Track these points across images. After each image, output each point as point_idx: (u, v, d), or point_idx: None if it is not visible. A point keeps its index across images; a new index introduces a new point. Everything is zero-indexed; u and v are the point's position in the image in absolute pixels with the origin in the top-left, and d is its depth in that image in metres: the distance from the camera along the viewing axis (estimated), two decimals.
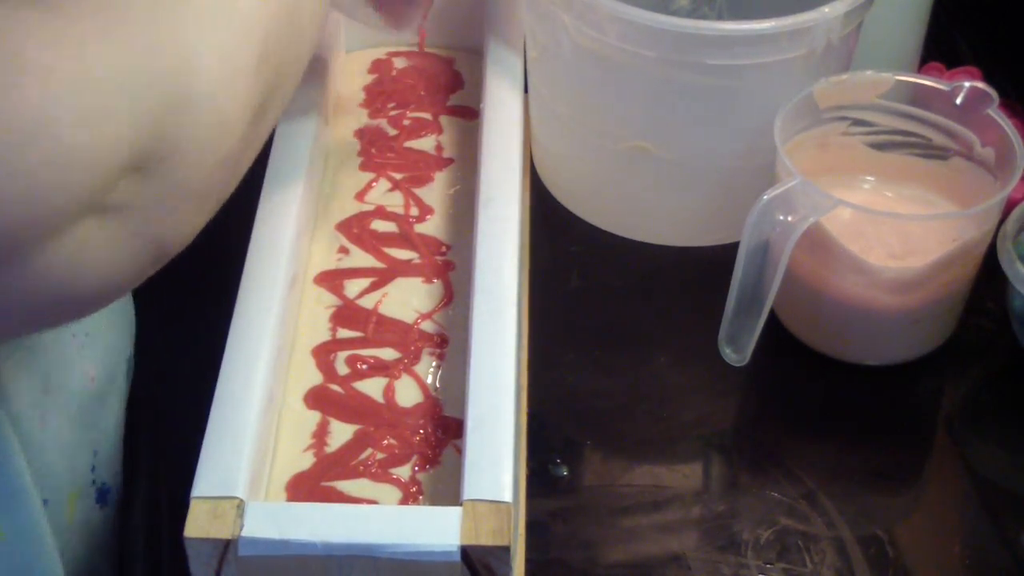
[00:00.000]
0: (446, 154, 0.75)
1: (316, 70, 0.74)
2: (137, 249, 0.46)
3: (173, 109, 0.43)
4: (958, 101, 0.72)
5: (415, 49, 0.82)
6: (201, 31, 0.44)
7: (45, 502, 0.62)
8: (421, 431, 0.61)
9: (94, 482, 0.68)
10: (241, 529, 0.52)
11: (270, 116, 0.51)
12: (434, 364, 0.64)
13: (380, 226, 0.71)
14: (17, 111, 0.39)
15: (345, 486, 0.59)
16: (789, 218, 0.66)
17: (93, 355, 0.68)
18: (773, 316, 0.73)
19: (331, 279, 0.68)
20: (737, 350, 0.69)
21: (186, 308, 0.78)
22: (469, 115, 0.78)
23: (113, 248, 0.44)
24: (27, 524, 0.60)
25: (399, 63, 0.82)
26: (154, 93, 0.42)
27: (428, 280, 0.68)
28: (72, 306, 0.46)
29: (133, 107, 0.42)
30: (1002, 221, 0.70)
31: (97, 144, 0.41)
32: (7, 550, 0.59)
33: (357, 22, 0.71)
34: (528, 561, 0.62)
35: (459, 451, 0.58)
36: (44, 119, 0.40)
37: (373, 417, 0.61)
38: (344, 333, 0.65)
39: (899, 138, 0.75)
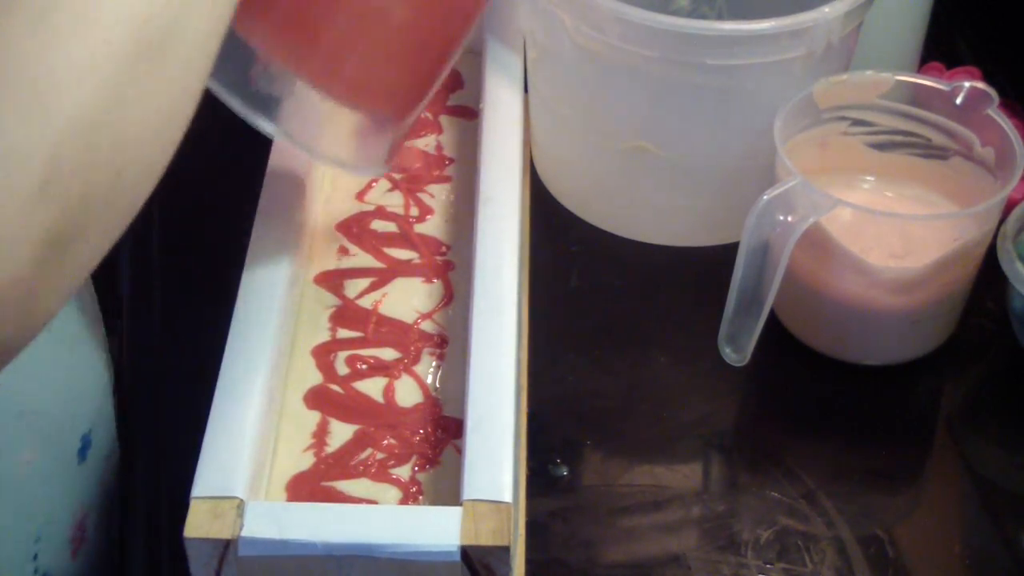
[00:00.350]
0: (446, 154, 0.75)
1: None
2: None
3: None
4: (958, 101, 0.72)
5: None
6: None
7: None
8: (421, 431, 0.61)
9: (36, 570, 0.64)
10: (241, 529, 0.52)
11: (89, 243, 0.42)
12: (434, 364, 0.64)
13: (380, 226, 0.71)
14: None
15: (345, 486, 0.59)
16: (789, 218, 0.66)
17: (33, 436, 0.63)
18: (773, 316, 0.73)
19: (331, 279, 0.68)
20: (737, 350, 0.69)
21: (186, 308, 0.78)
22: (469, 115, 0.78)
23: None
24: None
25: None
26: None
27: (428, 280, 0.68)
28: None
29: None
30: (1002, 221, 0.70)
31: None
32: None
33: (301, 150, 0.60)
34: (528, 561, 0.62)
35: (459, 451, 0.58)
36: None
37: (373, 417, 0.61)
38: (344, 333, 0.65)
39: (899, 138, 0.75)
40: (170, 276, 0.81)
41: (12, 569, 0.63)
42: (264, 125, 0.57)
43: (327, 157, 0.60)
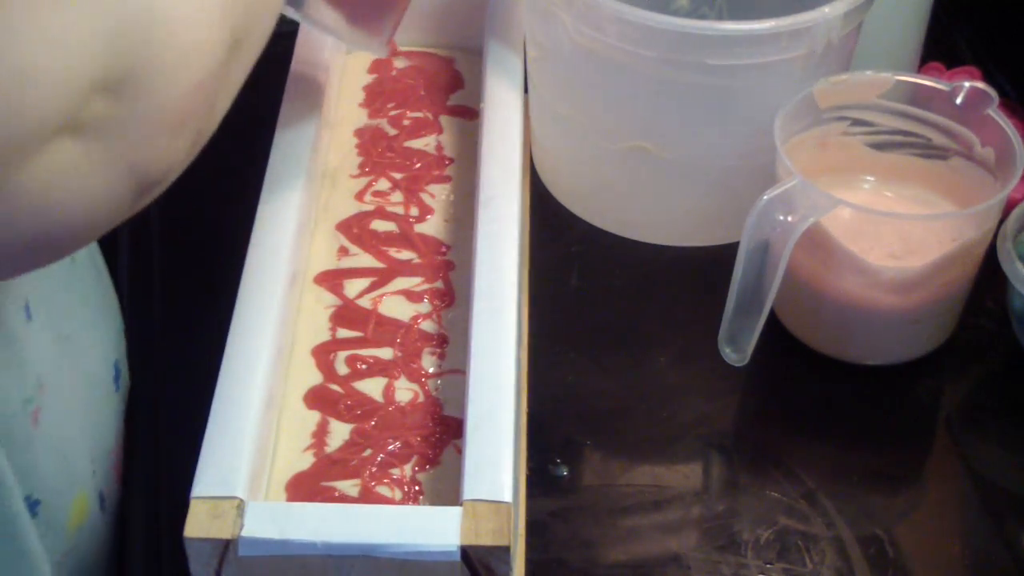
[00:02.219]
0: (446, 154, 0.75)
1: (316, 70, 0.74)
2: (114, 176, 0.45)
3: (142, 29, 0.43)
4: (958, 101, 0.72)
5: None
6: None
7: (37, 503, 0.61)
8: (421, 431, 0.61)
9: (96, 487, 0.67)
10: (241, 529, 0.52)
11: (244, 56, 0.50)
12: (434, 364, 0.64)
13: (380, 226, 0.71)
14: None
15: (345, 486, 0.59)
16: (789, 218, 0.66)
17: (80, 356, 0.67)
18: (773, 316, 0.73)
19: (331, 279, 0.68)
20: (737, 350, 0.69)
21: (186, 307, 0.78)
22: (469, 115, 0.78)
23: (89, 172, 0.44)
24: (4, 519, 0.59)
25: (399, 63, 0.82)
26: (121, 11, 0.42)
27: (428, 280, 0.68)
28: (50, 238, 0.45)
29: (100, 25, 0.41)
30: (1002, 221, 0.70)
31: (65, 61, 0.41)
32: None
33: (320, 30, 0.68)
34: (528, 561, 0.62)
35: (459, 451, 0.58)
36: (7, 38, 0.39)
37: (373, 417, 0.61)
38: (344, 333, 0.65)
39: (899, 138, 0.75)
40: (170, 275, 0.81)
41: (78, 482, 0.66)
42: None
43: (331, 27, 0.66)
